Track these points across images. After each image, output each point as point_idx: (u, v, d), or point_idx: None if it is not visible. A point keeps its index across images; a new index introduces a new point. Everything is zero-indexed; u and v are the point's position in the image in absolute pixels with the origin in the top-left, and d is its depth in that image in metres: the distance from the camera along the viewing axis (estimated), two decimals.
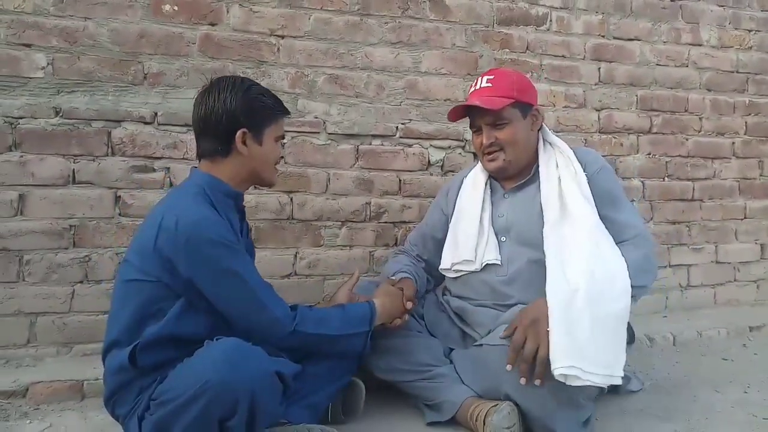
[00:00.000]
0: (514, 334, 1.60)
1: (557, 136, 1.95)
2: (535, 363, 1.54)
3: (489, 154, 1.88)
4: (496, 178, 1.96)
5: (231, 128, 1.55)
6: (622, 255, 1.68)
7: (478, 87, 1.88)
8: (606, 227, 1.75)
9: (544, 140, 1.93)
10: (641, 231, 1.79)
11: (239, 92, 1.55)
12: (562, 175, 1.83)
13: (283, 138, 1.67)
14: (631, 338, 1.87)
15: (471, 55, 2.63)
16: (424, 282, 2.03)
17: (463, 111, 1.91)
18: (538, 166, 1.89)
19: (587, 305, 1.56)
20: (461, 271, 1.92)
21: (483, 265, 1.87)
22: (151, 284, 1.46)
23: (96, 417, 1.70)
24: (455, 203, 2.01)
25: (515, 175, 1.92)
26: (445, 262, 1.95)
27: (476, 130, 1.90)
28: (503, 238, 1.87)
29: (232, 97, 1.54)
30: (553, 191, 1.81)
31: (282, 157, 1.68)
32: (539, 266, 1.73)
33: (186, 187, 1.57)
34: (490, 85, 1.85)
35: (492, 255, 1.86)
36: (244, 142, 1.56)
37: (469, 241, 1.89)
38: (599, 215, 1.77)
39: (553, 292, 1.60)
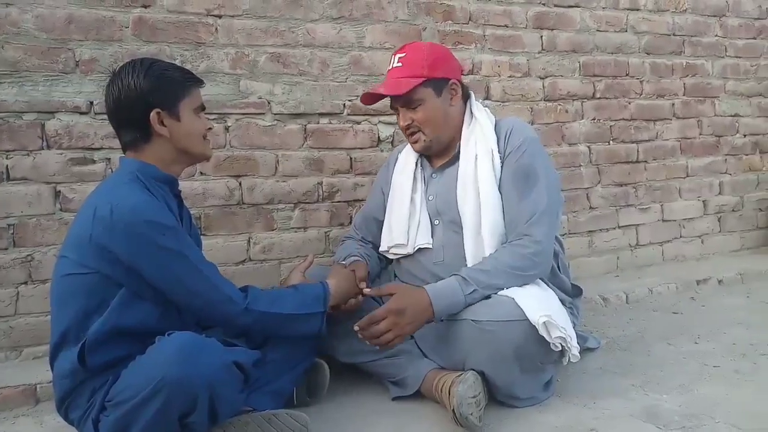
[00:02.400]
0: (381, 321, 1.60)
1: (501, 105, 1.95)
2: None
3: (411, 135, 1.85)
4: (426, 156, 1.94)
5: (144, 111, 1.47)
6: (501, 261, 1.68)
7: (390, 66, 1.83)
8: (507, 207, 1.75)
9: (471, 113, 1.88)
10: (528, 228, 1.70)
11: (142, 73, 1.48)
12: (479, 154, 1.80)
13: (204, 109, 1.60)
14: (578, 291, 1.97)
15: (414, 27, 2.61)
16: (376, 262, 2.02)
17: (380, 95, 1.86)
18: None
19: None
20: (397, 253, 1.92)
21: (415, 248, 1.87)
22: (89, 276, 1.40)
23: (52, 421, 1.65)
24: (391, 183, 1.99)
25: (442, 151, 1.89)
26: (383, 244, 1.96)
27: (395, 111, 1.87)
28: (436, 221, 1.87)
29: (136, 80, 1.47)
30: (468, 175, 1.79)
31: (211, 128, 1.61)
32: None
33: (117, 177, 1.51)
34: (400, 64, 1.80)
35: (423, 239, 1.86)
36: (161, 122, 1.49)
37: (401, 224, 1.89)
38: (507, 193, 1.75)
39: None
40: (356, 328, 1.62)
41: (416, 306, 1.62)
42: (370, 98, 1.89)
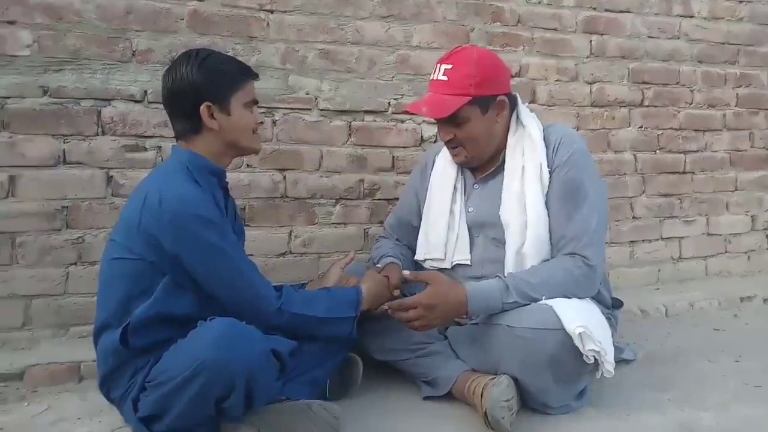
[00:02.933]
0: (411, 310, 1.61)
1: (547, 109, 1.90)
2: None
3: (452, 148, 1.81)
4: None
5: (195, 104, 1.50)
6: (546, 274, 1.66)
7: (435, 78, 1.75)
8: (555, 224, 1.71)
9: (518, 119, 1.81)
10: (580, 248, 1.66)
11: (195, 65, 1.50)
12: (526, 166, 1.75)
13: (257, 103, 1.61)
14: (618, 303, 1.92)
15: (462, 28, 2.60)
16: (411, 264, 1.98)
17: None
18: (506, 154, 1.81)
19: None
20: (434, 266, 1.90)
21: (453, 264, 1.85)
22: (136, 262, 1.45)
23: (95, 398, 1.70)
24: (428, 187, 1.95)
25: (485, 162, 1.85)
26: (419, 254, 1.94)
27: (436, 121, 1.83)
28: (476, 235, 1.84)
29: (189, 72, 1.50)
30: (514, 188, 1.75)
31: (261, 122, 1.63)
32: None
33: (168, 165, 1.55)
34: (446, 78, 1.71)
35: (462, 255, 1.84)
36: (211, 116, 1.52)
37: (438, 236, 1.86)
38: (555, 209, 1.71)
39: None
40: (386, 306, 1.65)
41: (450, 304, 1.63)
42: (414, 106, 1.84)
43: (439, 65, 1.77)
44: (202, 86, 1.50)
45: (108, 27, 2.12)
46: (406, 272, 1.71)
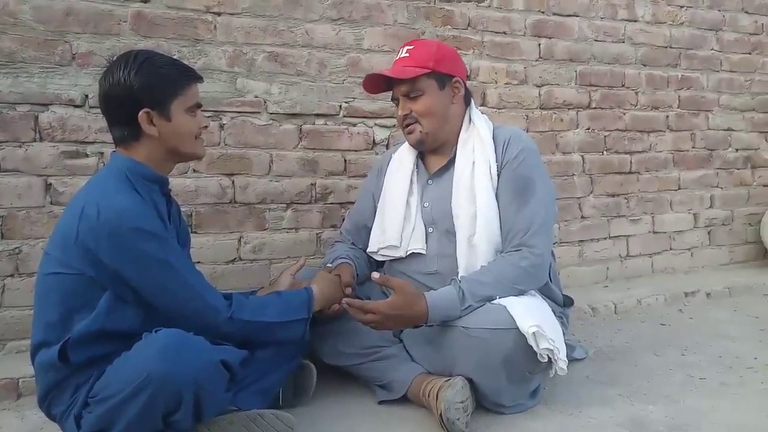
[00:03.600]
0: (370, 314, 1.61)
1: (497, 111, 1.94)
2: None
3: (406, 126, 1.84)
4: (422, 158, 1.93)
5: (133, 110, 1.43)
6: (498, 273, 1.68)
7: (398, 57, 1.84)
8: (504, 217, 1.74)
9: (470, 118, 1.88)
10: (526, 238, 1.70)
11: (133, 69, 1.43)
12: (476, 161, 1.79)
13: (200, 106, 1.55)
14: (569, 301, 1.95)
15: (413, 31, 2.61)
16: (365, 266, 1.99)
17: (384, 84, 1.87)
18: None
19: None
20: (387, 256, 1.91)
21: (408, 253, 1.86)
22: (74, 277, 1.38)
23: (34, 416, 1.64)
24: (383, 184, 1.98)
25: (437, 153, 1.89)
26: (372, 245, 1.94)
27: (396, 102, 1.87)
28: (430, 229, 1.86)
29: (126, 76, 1.42)
30: (464, 182, 1.79)
31: (205, 126, 1.57)
32: None
33: (107, 174, 1.48)
34: (407, 55, 1.81)
35: (418, 244, 1.85)
36: (151, 122, 1.45)
37: (394, 226, 1.87)
38: (504, 203, 1.75)
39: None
40: (345, 302, 1.63)
41: (410, 317, 1.63)
42: (373, 85, 1.88)
43: (402, 47, 1.86)
44: (140, 92, 1.43)
45: (46, 29, 2.04)
46: (375, 274, 1.68)
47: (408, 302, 1.62)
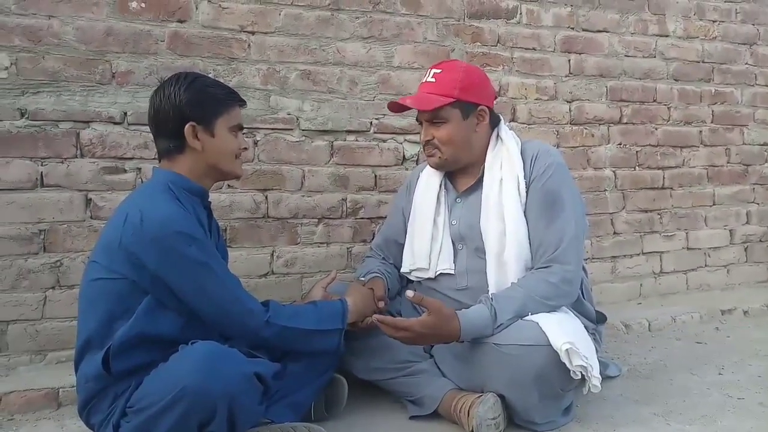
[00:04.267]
0: (402, 331, 1.60)
1: (527, 127, 1.94)
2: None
3: (428, 150, 1.85)
4: (450, 177, 1.93)
5: (180, 123, 1.51)
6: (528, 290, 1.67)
7: (424, 80, 1.83)
8: (534, 233, 1.73)
9: (498, 136, 1.86)
10: (557, 254, 1.69)
11: (183, 85, 1.51)
12: (504, 178, 1.79)
13: (242, 129, 1.62)
14: (602, 318, 1.93)
15: (443, 48, 2.63)
16: (396, 280, 2.01)
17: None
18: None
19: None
20: (419, 277, 1.92)
21: (437, 273, 1.86)
22: (117, 282, 1.43)
23: (73, 425, 1.67)
24: (412, 201, 1.98)
25: (465, 173, 1.88)
26: (404, 266, 1.95)
27: (420, 123, 1.87)
28: (460, 246, 1.86)
29: (176, 92, 1.51)
30: (492, 200, 1.78)
31: (245, 148, 1.64)
32: None
33: (150, 186, 1.54)
34: (434, 80, 1.80)
35: (445, 264, 1.85)
36: (195, 136, 1.52)
37: (423, 247, 1.88)
38: (534, 219, 1.74)
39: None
40: (376, 318, 1.62)
41: (442, 335, 1.62)
42: (398, 107, 1.89)
43: (430, 69, 1.85)
44: (188, 106, 1.51)
45: (87, 49, 2.11)
46: (409, 293, 1.63)
47: (441, 322, 1.61)
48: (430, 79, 1.81)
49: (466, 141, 1.82)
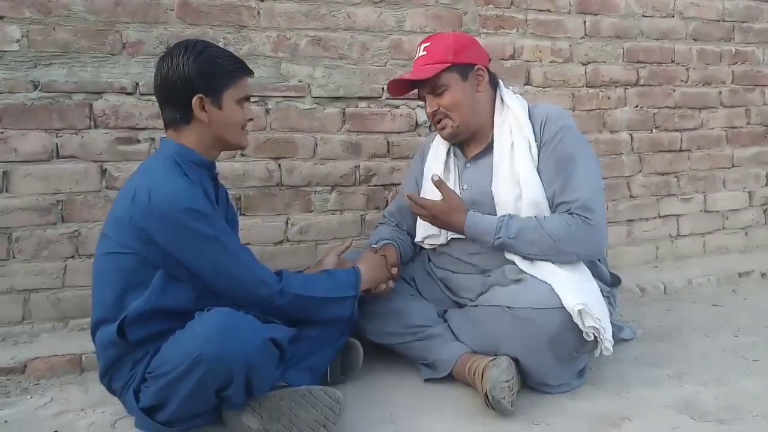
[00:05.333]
0: (427, 211, 1.79)
1: (542, 90, 1.93)
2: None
3: (438, 122, 1.84)
4: (460, 144, 1.92)
5: (187, 94, 1.50)
6: (541, 222, 1.70)
7: (416, 56, 1.84)
8: (550, 194, 1.74)
9: (502, 101, 1.86)
10: (581, 200, 1.68)
11: (192, 56, 1.49)
12: (515, 142, 1.78)
13: (248, 99, 1.61)
14: (616, 280, 1.93)
15: (455, 11, 2.59)
16: (409, 247, 2.02)
17: (409, 85, 1.86)
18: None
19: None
20: (432, 244, 1.93)
21: (449, 239, 1.87)
22: (129, 257, 1.45)
23: (96, 389, 1.71)
24: (424, 169, 1.99)
25: (474, 139, 1.88)
26: (418, 236, 1.96)
27: (423, 100, 1.86)
28: None
29: (185, 62, 1.49)
30: (504, 164, 1.78)
31: (251, 119, 1.65)
32: None
33: (157, 159, 1.55)
34: (425, 53, 1.80)
35: None
36: (203, 108, 1.51)
37: None
38: (549, 180, 1.73)
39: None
40: (408, 195, 1.84)
41: (450, 222, 1.79)
42: (397, 88, 1.88)
43: (419, 46, 1.86)
44: (197, 78, 1.50)
45: (97, 20, 2.11)
46: (435, 176, 1.81)
47: (450, 209, 1.77)
48: (421, 53, 1.82)
49: (472, 103, 1.82)
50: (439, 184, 1.77)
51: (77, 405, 1.70)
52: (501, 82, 1.90)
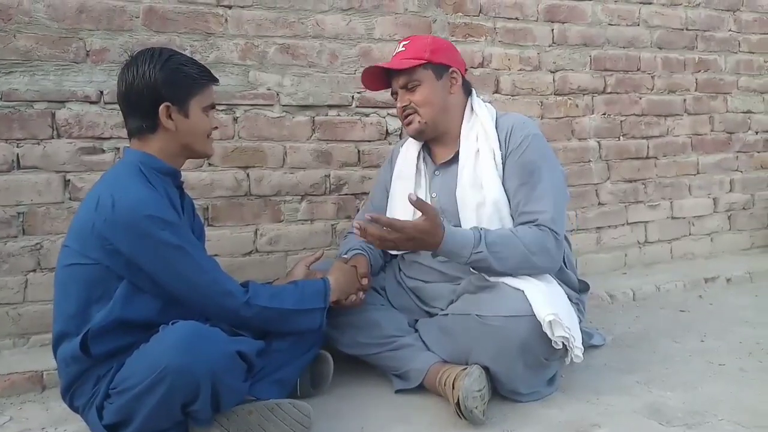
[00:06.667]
0: (395, 233, 1.60)
1: (511, 98, 1.94)
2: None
3: (405, 117, 1.85)
4: (429, 151, 1.93)
5: (154, 103, 1.47)
6: (516, 233, 1.68)
7: (395, 52, 1.87)
8: (515, 204, 1.74)
9: (471, 107, 1.88)
10: (545, 219, 1.69)
11: (158, 64, 1.47)
12: (480, 149, 1.79)
13: (214, 107, 1.60)
14: (585, 287, 1.94)
15: (424, 19, 2.60)
16: (379, 256, 2.00)
17: (383, 80, 1.89)
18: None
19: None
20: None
21: None
22: (92, 267, 1.41)
23: (58, 407, 1.66)
24: (392, 176, 1.99)
25: (442, 145, 1.89)
26: None
27: (395, 96, 1.88)
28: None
29: (151, 71, 1.46)
30: (468, 172, 1.78)
31: (216, 128, 1.63)
32: None
33: (121, 167, 1.52)
34: (403, 49, 1.84)
35: None
36: (169, 117, 1.49)
37: (404, 219, 1.86)
38: (513, 190, 1.74)
39: None
40: (370, 216, 1.61)
41: (426, 242, 1.62)
42: (372, 81, 1.90)
43: (399, 43, 1.89)
44: (163, 86, 1.47)
45: (60, 27, 2.06)
46: (412, 196, 1.59)
47: (432, 229, 1.60)
48: (400, 49, 1.85)
49: (443, 103, 1.83)
50: (419, 203, 1.60)
51: (38, 424, 1.65)
52: (474, 91, 1.92)
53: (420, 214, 1.61)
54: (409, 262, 1.91)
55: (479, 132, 1.82)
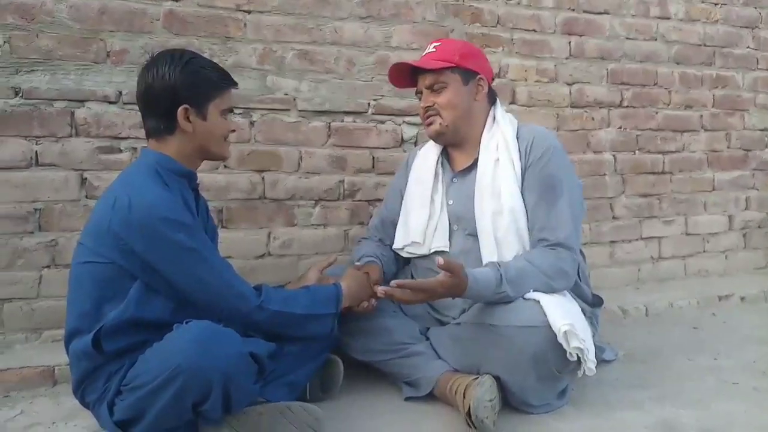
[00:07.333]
0: (427, 294, 1.58)
1: (527, 110, 1.93)
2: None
3: (427, 118, 1.85)
4: (448, 157, 1.92)
5: (172, 105, 1.48)
6: (533, 263, 1.66)
7: (425, 52, 1.87)
8: (534, 217, 1.72)
9: (494, 117, 1.87)
10: (563, 238, 1.69)
11: (178, 66, 1.48)
12: (500, 158, 1.78)
13: (232, 111, 1.62)
14: (598, 301, 1.93)
15: (442, 29, 2.60)
16: (392, 263, 1.99)
17: (410, 78, 1.88)
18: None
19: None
20: (412, 253, 1.90)
21: (431, 251, 1.85)
22: (106, 266, 1.42)
23: (69, 402, 1.67)
24: (408, 181, 1.98)
25: (461, 152, 1.88)
26: (398, 242, 1.94)
27: (419, 95, 1.87)
28: (455, 227, 1.85)
29: (171, 72, 1.47)
30: (486, 181, 1.77)
31: (233, 131, 1.64)
32: None
33: (137, 167, 1.53)
34: (434, 50, 1.84)
35: (440, 242, 1.84)
36: (187, 119, 1.50)
37: (419, 223, 1.87)
38: (532, 203, 1.73)
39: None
40: (396, 282, 1.57)
41: (452, 294, 1.59)
42: (399, 78, 1.90)
43: (430, 44, 1.88)
44: (183, 88, 1.48)
45: (81, 27, 2.09)
46: (440, 260, 1.53)
47: (457, 283, 1.56)
48: (430, 50, 1.85)
49: (467, 108, 1.83)
50: (446, 264, 1.54)
51: (48, 418, 1.66)
52: (498, 101, 1.91)
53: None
54: (422, 270, 1.90)
55: (500, 141, 1.81)
